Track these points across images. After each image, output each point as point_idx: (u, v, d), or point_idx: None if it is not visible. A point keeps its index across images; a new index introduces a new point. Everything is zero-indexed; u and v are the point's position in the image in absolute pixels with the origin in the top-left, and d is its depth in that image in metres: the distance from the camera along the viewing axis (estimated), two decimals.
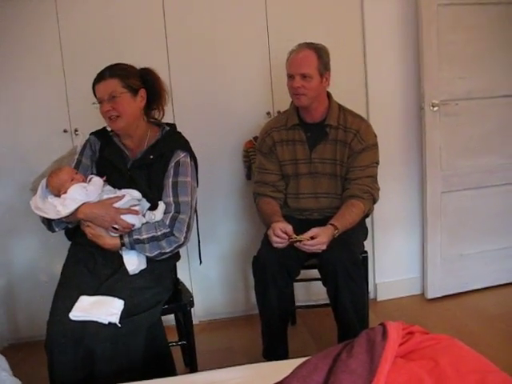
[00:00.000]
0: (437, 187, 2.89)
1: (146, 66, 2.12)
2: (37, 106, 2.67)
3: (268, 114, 2.80)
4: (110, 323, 1.73)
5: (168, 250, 1.98)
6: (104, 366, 1.73)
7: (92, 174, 2.11)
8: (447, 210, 2.93)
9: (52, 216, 1.95)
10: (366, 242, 2.59)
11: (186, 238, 2.01)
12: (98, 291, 1.84)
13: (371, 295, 3.08)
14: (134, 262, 1.97)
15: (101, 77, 1.99)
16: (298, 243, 2.08)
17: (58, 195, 1.98)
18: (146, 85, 2.06)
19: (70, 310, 1.75)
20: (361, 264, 2.23)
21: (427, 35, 2.75)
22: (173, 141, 2.11)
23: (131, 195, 2.01)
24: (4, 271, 2.79)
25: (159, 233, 1.96)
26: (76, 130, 2.66)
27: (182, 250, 2.53)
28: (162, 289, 2.00)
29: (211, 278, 2.96)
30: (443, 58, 2.80)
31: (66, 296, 1.82)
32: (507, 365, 2.27)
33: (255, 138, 2.67)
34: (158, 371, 2.00)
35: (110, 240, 1.97)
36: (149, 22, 2.70)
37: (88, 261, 2.00)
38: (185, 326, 2.12)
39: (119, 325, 1.73)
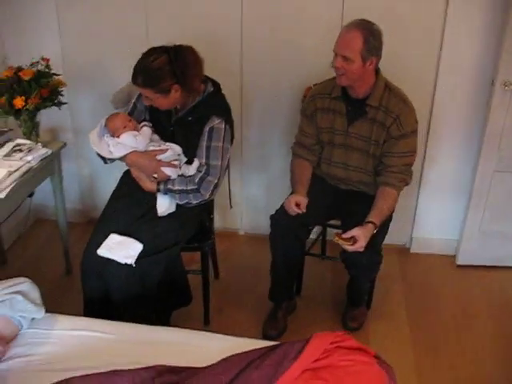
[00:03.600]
0: (490, 165, 2.84)
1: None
2: (119, 25, 2.96)
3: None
4: (126, 263, 2.16)
5: (194, 203, 2.33)
6: (119, 296, 2.20)
7: (145, 119, 2.43)
8: (497, 188, 2.89)
9: (105, 154, 2.34)
10: (408, 194, 2.92)
11: (211, 195, 2.32)
12: (128, 230, 2.23)
13: (406, 245, 3.27)
14: (164, 205, 2.33)
15: (135, 81, 2.17)
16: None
17: (113, 136, 2.35)
18: (179, 79, 2.16)
19: (100, 245, 2.19)
20: (382, 257, 2.50)
21: None
22: (211, 106, 2.31)
23: (173, 149, 2.33)
24: (87, 164, 3.34)
25: (188, 188, 2.30)
26: None
27: (234, 180, 3.10)
28: (183, 231, 2.36)
29: (259, 200, 3.31)
30: None
31: (101, 231, 2.25)
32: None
33: (314, 85, 2.75)
34: (176, 298, 2.50)
35: (148, 184, 2.34)
36: None
37: (129, 196, 2.39)
38: (202, 261, 2.51)
39: (134, 265, 2.15)
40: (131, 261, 2.16)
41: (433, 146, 2.98)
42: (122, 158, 2.33)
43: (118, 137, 2.31)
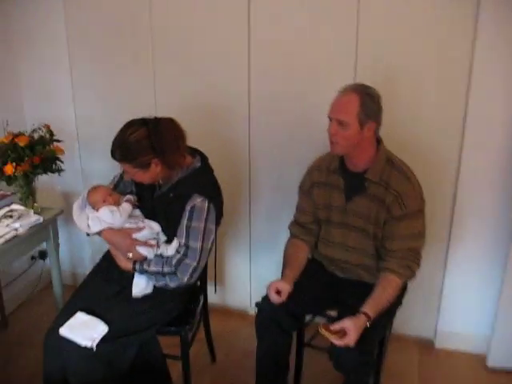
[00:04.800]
0: None
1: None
2: (128, 92, 2.95)
3: None
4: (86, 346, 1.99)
5: (172, 286, 2.15)
6: (77, 381, 2.02)
7: (131, 192, 2.33)
8: None
9: (83, 228, 2.23)
10: (433, 281, 2.73)
11: (189, 279, 2.13)
12: (97, 308, 2.09)
13: (430, 339, 2.90)
14: (140, 286, 2.18)
15: (113, 156, 2.08)
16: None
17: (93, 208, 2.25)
18: (158, 153, 2.04)
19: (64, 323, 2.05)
20: (373, 363, 2.15)
21: None
22: (194, 183, 2.14)
23: (151, 228, 2.19)
24: None
25: (165, 270, 2.14)
26: None
27: (242, 257, 3.05)
28: (159, 313, 2.18)
29: (268, 278, 3.00)
30: None
31: (69, 308, 2.13)
32: None
33: None
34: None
35: (124, 263, 2.21)
36: (234, 21, 2.66)
37: (106, 272, 2.28)
38: (181, 347, 2.29)
39: (94, 349, 1.98)
40: (91, 344, 1.99)
41: (458, 228, 2.65)
42: (99, 234, 2.21)
43: (98, 211, 2.21)
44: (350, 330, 1.93)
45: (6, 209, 2.54)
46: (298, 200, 2.37)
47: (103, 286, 2.22)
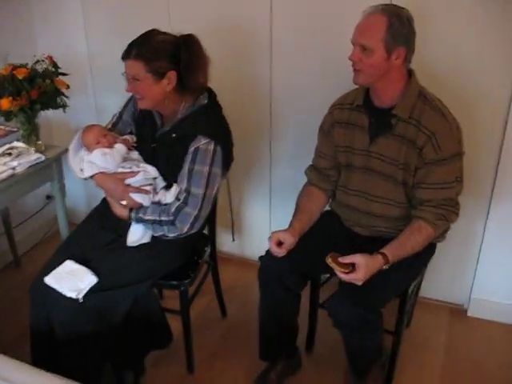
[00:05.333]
0: None
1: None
2: (142, 21, 2.54)
3: None
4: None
5: (170, 236, 1.96)
6: (63, 334, 1.87)
7: (131, 132, 2.12)
8: None
9: (76, 173, 2.04)
10: (472, 241, 2.46)
11: (190, 228, 1.93)
12: (88, 256, 1.94)
13: (463, 306, 2.63)
14: (136, 235, 2.00)
15: (128, 53, 1.83)
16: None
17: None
18: (178, 65, 1.82)
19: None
20: (378, 317, 1.87)
21: None
22: (199, 122, 1.91)
23: (146, 172, 1.98)
24: None
25: (162, 219, 1.93)
26: None
27: (261, 203, 2.82)
28: (156, 265, 2.02)
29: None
30: None
31: (59, 255, 1.98)
32: None
33: None
34: (153, 339, 2.15)
35: (119, 210, 2.01)
36: None
37: (103, 218, 2.10)
38: (180, 302, 2.12)
39: (80, 300, 1.83)
40: (77, 295, 1.83)
41: (504, 178, 2.29)
42: (92, 178, 2.01)
43: (91, 153, 2.00)
44: (359, 266, 1.72)
45: (7, 146, 2.39)
46: (318, 142, 2.10)
47: (97, 233, 2.05)
